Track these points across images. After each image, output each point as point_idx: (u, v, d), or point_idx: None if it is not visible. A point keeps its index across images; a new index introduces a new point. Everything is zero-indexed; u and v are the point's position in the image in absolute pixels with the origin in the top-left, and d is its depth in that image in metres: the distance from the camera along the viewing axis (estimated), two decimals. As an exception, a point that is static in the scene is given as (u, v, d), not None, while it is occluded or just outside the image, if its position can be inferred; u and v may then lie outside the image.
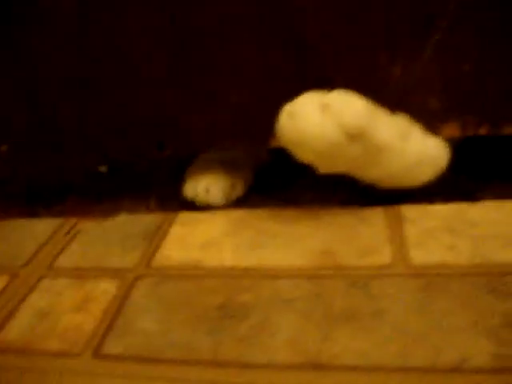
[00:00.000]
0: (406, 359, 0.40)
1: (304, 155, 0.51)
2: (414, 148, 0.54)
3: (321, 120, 0.48)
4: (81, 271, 0.55)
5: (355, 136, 0.49)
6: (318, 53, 0.57)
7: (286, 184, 0.67)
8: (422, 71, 0.56)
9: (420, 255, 0.49)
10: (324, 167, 0.52)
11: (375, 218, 0.55)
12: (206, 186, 0.62)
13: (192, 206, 0.64)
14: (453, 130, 0.59)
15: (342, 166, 0.52)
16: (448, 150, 0.57)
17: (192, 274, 0.52)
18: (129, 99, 0.63)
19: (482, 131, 0.58)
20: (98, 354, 0.45)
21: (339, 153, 0.49)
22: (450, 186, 0.62)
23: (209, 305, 0.48)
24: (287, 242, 0.54)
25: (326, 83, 0.57)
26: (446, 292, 0.45)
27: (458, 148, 0.61)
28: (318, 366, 0.41)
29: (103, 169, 0.79)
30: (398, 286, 0.46)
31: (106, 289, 0.52)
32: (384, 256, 0.50)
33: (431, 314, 0.44)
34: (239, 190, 0.64)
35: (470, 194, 0.61)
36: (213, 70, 0.59)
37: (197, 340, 0.45)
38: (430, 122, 0.58)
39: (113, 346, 0.45)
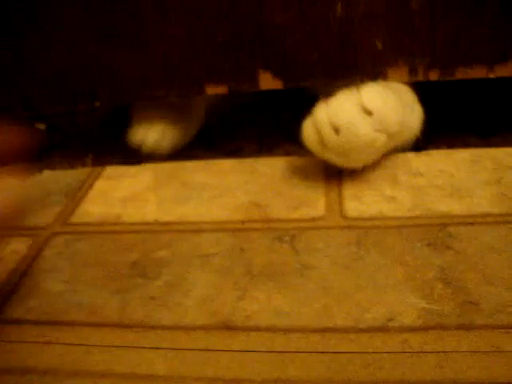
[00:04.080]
0: (327, 319, 0.36)
1: (349, 164, 0.48)
2: (415, 120, 0.51)
3: (369, 131, 0.45)
4: (-7, 230, 0.50)
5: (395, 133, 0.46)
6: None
7: (231, 134, 0.62)
8: (366, 8, 0.51)
9: (356, 207, 0.45)
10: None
11: (314, 169, 0.50)
12: (159, 131, 0.56)
13: (131, 155, 0.58)
14: (401, 74, 0.54)
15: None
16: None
17: (110, 230, 0.47)
18: (51, 46, 0.58)
19: (433, 76, 0.53)
20: (-6, 318, 0.40)
21: (380, 151, 0.47)
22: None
23: (123, 262, 0.43)
24: (214, 194, 0.49)
25: (261, 23, 0.52)
26: (380, 246, 0.41)
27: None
28: (229, 327, 0.37)
29: (41, 126, 0.74)
30: (328, 240, 0.42)
31: (16, 249, 0.47)
32: (317, 208, 0.45)
33: (361, 269, 0.39)
34: (188, 136, 0.59)
35: (421, 146, 0.56)
36: (139, 12, 0.54)
37: (104, 300, 0.40)
38: (377, 66, 0.53)
39: (13, 311, 0.41)
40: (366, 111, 0.43)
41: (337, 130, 0.43)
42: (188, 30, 0.53)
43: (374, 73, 0.54)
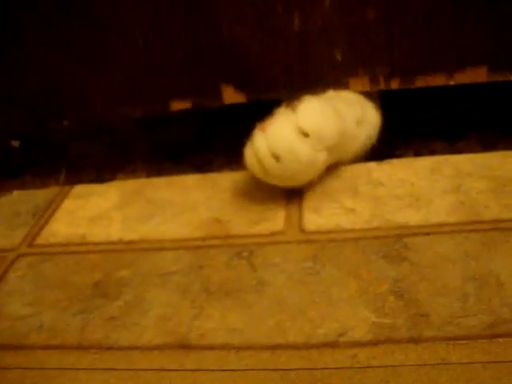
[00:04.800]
0: (279, 336, 0.37)
1: (294, 184, 0.48)
2: (365, 130, 0.51)
3: (309, 153, 0.45)
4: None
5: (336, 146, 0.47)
6: (211, 5, 0.52)
7: (200, 147, 0.62)
8: (323, 21, 0.51)
9: (315, 220, 0.45)
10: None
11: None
12: None
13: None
14: (362, 83, 0.54)
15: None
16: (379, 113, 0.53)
17: (75, 250, 0.48)
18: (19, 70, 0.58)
19: (394, 85, 0.54)
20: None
21: (323, 167, 0.47)
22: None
23: (85, 283, 0.44)
24: (178, 211, 0.49)
25: (220, 37, 0.52)
26: (336, 260, 0.42)
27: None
28: (184, 346, 0.37)
29: (15, 143, 0.74)
30: (285, 255, 0.42)
31: (-17, 271, 0.47)
32: (276, 222, 0.46)
33: (316, 284, 0.40)
34: None
35: (388, 153, 0.57)
36: (99, 32, 0.55)
37: (65, 322, 0.41)
38: (338, 77, 0.54)
39: (-25, 335, 0.41)
40: (303, 133, 0.43)
41: (277, 158, 0.43)
42: (149, 48, 0.54)
43: (336, 83, 0.54)
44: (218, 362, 0.35)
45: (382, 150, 0.58)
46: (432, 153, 0.55)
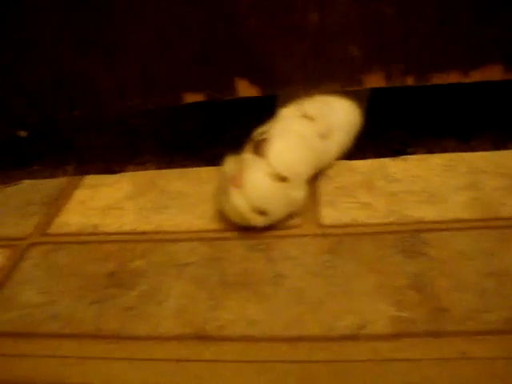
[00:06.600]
0: (299, 328, 0.36)
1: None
2: (336, 138, 0.50)
3: (289, 197, 0.44)
4: (-29, 241, 0.50)
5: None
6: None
7: (210, 141, 0.62)
8: (341, 16, 0.51)
9: (331, 214, 0.45)
10: None
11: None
12: None
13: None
14: (377, 80, 0.54)
15: None
16: (360, 112, 0.53)
17: (87, 240, 0.47)
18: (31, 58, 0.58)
19: (409, 81, 0.54)
20: (-31, 331, 0.40)
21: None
22: (380, 142, 0.58)
23: (99, 273, 0.44)
24: (191, 203, 0.49)
25: (236, 30, 0.52)
26: (353, 253, 0.41)
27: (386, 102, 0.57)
28: (202, 337, 0.37)
29: (23, 133, 0.74)
30: (303, 248, 0.42)
31: (-5, 259, 0.47)
32: (292, 216, 0.45)
33: (334, 277, 0.40)
34: None
35: (400, 149, 0.57)
36: (114, 23, 0.54)
37: (80, 311, 0.40)
38: (353, 73, 0.54)
39: (-12, 322, 0.41)
40: (281, 178, 0.43)
41: (263, 213, 0.43)
42: (163, 40, 0.53)
43: (350, 79, 0.54)
44: (237, 354, 0.35)
45: (393, 146, 0.58)
46: (444, 150, 0.55)
